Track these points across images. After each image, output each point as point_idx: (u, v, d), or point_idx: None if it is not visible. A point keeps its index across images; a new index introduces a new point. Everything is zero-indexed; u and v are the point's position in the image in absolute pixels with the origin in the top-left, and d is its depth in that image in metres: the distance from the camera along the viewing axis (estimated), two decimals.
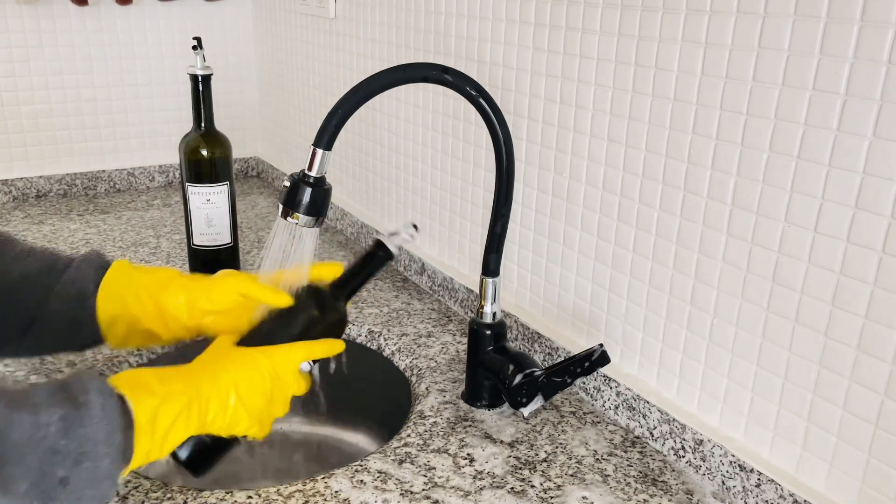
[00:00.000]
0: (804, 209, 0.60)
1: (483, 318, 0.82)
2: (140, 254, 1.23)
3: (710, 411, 0.72)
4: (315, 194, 0.69)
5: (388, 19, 1.13)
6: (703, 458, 0.71)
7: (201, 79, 1.07)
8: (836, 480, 0.62)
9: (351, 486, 0.69)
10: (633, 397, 0.78)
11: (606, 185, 0.79)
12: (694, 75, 0.67)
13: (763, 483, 0.65)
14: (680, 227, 0.71)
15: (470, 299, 1.02)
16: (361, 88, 0.69)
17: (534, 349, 0.91)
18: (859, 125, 0.55)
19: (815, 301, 0.61)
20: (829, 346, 0.60)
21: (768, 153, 0.62)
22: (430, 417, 0.81)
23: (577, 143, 0.82)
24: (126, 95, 1.57)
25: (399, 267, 1.20)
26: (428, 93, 1.07)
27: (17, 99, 1.48)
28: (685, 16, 0.67)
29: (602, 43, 0.76)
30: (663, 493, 0.70)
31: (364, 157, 1.29)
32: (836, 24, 0.56)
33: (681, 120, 0.69)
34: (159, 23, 1.56)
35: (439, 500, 0.68)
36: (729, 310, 0.68)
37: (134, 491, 0.68)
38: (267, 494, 0.68)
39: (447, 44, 1.00)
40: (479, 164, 0.99)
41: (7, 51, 1.45)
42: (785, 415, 0.65)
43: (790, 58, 0.59)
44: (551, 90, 0.84)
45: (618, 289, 0.80)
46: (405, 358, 0.94)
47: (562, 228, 0.87)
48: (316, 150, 0.68)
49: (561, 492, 0.69)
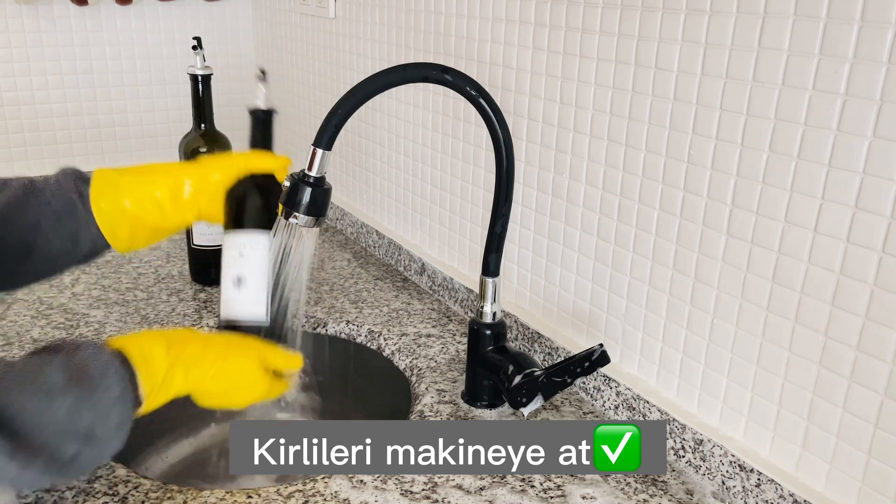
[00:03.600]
0: (804, 209, 0.60)
1: (483, 318, 0.82)
2: (140, 253, 1.23)
3: (709, 411, 0.72)
4: (315, 194, 0.69)
5: (388, 19, 1.13)
6: (703, 458, 0.71)
7: (201, 79, 1.07)
8: (836, 480, 0.62)
9: (350, 487, 0.69)
10: (633, 397, 0.78)
11: (606, 185, 0.79)
12: (694, 75, 0.67)
13: (763, 483, 0.65)
14: (680, 227, 0.71)
15: (470, 299, 1.02)
16: (361, 88, 0.69)
17: (534, 349, 0.91)
18: (859, 125, 0.55)
19: (815, 301, 0.61)
20: (829, 346, 0.60)
21: (768, 153, 0.62)
22: (430, 417, 0.81)
23: (577, 143, 0.82)
24: (126, 95, 1.57)
25: (399, 267, 1.20)
26: (428, 93, 1.07)
27: (17, 99, 1.48)
28: (685, 16, 0.67)
29: (602, 43, 0.76)
30: (663, 493, 0.70)
31: (364, 157, 1.29)
32: (836, 24, 0.56)
33: (681, 120, 0.69)
34: (159, 23, 1.56)
35: (439, 500, 0.68)
36: (729, 310, 0.68)
37: (134, 491, 0.68)
38: (267, 494, 0.68)
39: (447, 44, 1.00)
40: (479, 164, 0.99)
41: (7, 51, 1.45)
42: (785, 415, 0.65)
43: (790, 58, 0.59)
44: (551, 90, 0.84)
45: (618, 289, 0.80)
46: (405, 358, 0.94)
47: (562, 228, 0.87)
48: (316, 150, 0.68)
49: (561, 491, 0.69)
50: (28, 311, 1.03)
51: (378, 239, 1.25)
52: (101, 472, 0.71)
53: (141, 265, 1.19)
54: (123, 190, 0.72)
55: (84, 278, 1.13)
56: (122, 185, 0.72)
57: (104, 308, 1.04)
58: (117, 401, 0.56)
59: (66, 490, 0.68)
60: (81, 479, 0.69)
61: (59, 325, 0.99)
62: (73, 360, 0.56)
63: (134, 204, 0.72)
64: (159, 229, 0.74)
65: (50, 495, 0.67)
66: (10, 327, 0.98)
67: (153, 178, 0.74)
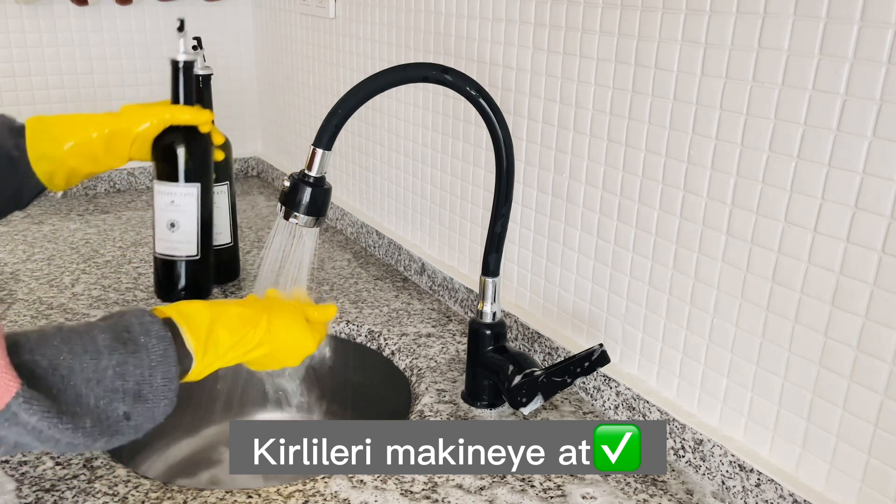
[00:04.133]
0: (804, 209, 0.60)
1: (483, 317, 0.82)
2: (140, 254, 1.23)
3: (709, 411, 0.72)
4: (315, 194, 0.69)
5: (388, 19, 1.13)
6: (703, 458, 0.71)
7: (201, 79, 1.07)
8: (836, 480, 0.62)
9: (350, 487, 0.69)
10: (633, 397, 0.78)
11: (606, 185, 0.79)
12: (694, 75, 0.67)
13: (763, 483, 0.65)
14: (680, 227, 0.71)
15: (470, 299, 1.02)
16: (361, 88, 0.69)
17: (534, 349, 0.91)
18: (859, 125, 0.55)
19: (814, 301, 0.61)
20: (829, 346, 0.60)
21: (768, 153, 0.62)
22: (430, 417, 0.81)
23: (577, 143, 0.82)
24: (126, 95, 1.57)
25: (399, 267, 1.20)
26: (428, 93, 1.07)
27: (17, 99, 1.48)
28: (685, 16, 0.67)
29: (602, 43, 0.76)
30: (663, 492, 0.70)
31: (364, 157, 1.29)
32: (836, 24, 0.56)
33: (681, 120, 0.69)
34: (159, 23, 1.57)
35: (439, 499, 0.68)
36: (729, 310, 0.68)
37: (134, 491, 0.68)
38: (267, 494, 0.68)
39: (447, 44, 1.00)
40: (479, 164, 0.99)
41: (7, 51, 1.45)
42: (785, 414, 0.65)
43: (790, 58, 0.59)
44: (551, 90, 0.84)
45: (618, 289, 0.80)
46: (405, 358, 0.94)
47: (562, 228, 0.87)
48: (316, 150, 0.68)
49: (561, 491, 0.69)
50: (28, 311, 1.03)
51: (378, 239, 1.25)
52: (101, 472, 0.71)
53: (141, 265, 1.19)
54: (60, 139, 0.82)
55: (84, 278, 1.14)
56: (58, 136, 0.82)
57: (104, 308, 1.04)
58: (161, 360, 0.57)
59: (66, 490, 0.68)
60: (82, 480, 0.70)
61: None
62: (118, 323, 0.58)
63: (70, 156, 0.82)
64: (92, 173, 0.87)
65: (50, 495, 0.67)
66: (9, 327, 0.98)
67: (85, 129, 0.83)
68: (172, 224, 0.95)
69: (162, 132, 0.91)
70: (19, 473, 0.70)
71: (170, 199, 0.94)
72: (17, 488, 0.68)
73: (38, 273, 1.15)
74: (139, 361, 0.56)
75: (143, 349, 0.57)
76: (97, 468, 0.71)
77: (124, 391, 0.55)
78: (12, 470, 0.70)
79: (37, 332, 0.55)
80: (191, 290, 1.02)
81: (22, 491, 0.68)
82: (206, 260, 1.01)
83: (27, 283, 1.12)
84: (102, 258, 1.22)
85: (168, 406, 0.58)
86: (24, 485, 0.69)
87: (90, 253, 1.24)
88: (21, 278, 1.13)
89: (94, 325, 0.57)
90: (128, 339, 0.56)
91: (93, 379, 0.54)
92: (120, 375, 0.55)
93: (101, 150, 0.84)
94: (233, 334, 0.64)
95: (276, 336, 0.68)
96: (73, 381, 0.53)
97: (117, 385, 0.55)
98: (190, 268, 1.00)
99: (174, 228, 0.95)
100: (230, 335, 0.64)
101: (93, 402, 0.53)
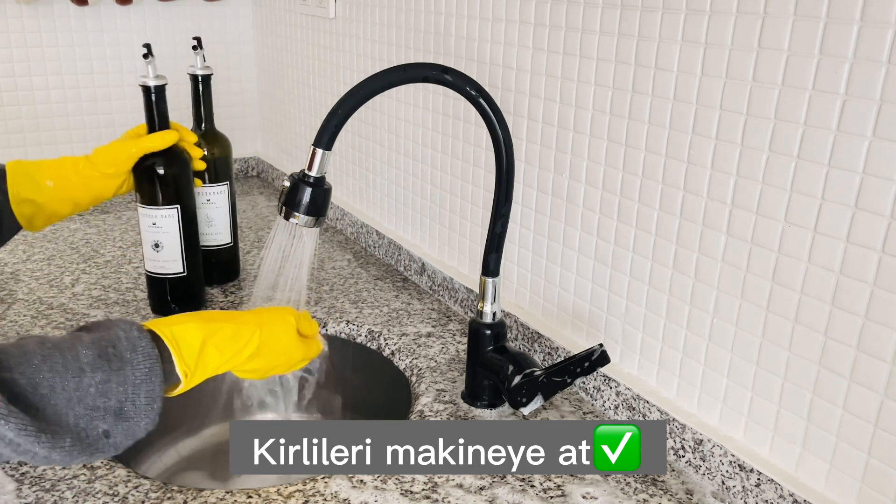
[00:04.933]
0: (804, 209, 0.60)
1: (483, 317, 0.82)
2: (140, 254, 1.23)
3: (709, 411, 0.72)
4: (315, 194, 0.69)
5: (388, 19, 1.13)
6: (703, 458, 0.71)
7: (201, 79, 1.07)
8: (836, 480, 0.62)
9: (350, 487, 0.69)
10: (633, 397, 0.78)
11: (606, 185, 0.79)
12: (694, 75, 0.67)
13: (763, 483, 0.65)
14: (680, 227, 0.71)
15: (470, 299, 1.02)
16: (361, 88, 0.69)
17: (534, 349, 0.91)
18: (859, 125, 0.55)
19: (814, 301, 0.61)
20: (829, 346, 0.60)
21: (768, 153, 0.62)
22: (430, 417, 0.81)
23: (577, 143, 0.82)
24: (126, 95, 1.57)
25: (399, 267, 1.20)
26: (428, 93, 1.07)
27: (17, 99, 1.48)
28: (685, 16, 0.67)
29: (602, 43, 0.76)
30: (663, 492, 0.70)
31: (364, 157, 1.29)
32: (836, 24, 0.56)
33: (681, 120, 0.69)
34: (159, 23, 1.56)
35: (439, 499, 0.68)
36: (729, 310, 0.68)
37: (134, 491, 0.68)
38: (267, 494, 0.68)
39: (447, 44, 1.00)
40: (479, 164, 0.99)
41: (7, 51, 1.45)
42: (784, 414, 0.65)
43: (790, 58, 0.59)
44: (551, 90, 0.84)
45: (618, 289, 0.80)
46: (405, 358, 0.94)
47: (562, 228, 0.87)
48: (316, 150, 0.68)
49: (561, 491, 0.69)
50: (28, 311, 1.03)
51: (378, 239, 1.25)
52: (102, 472, 0.71)
53: (141, 265, 1.19)
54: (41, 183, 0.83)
55: (84, 278, 1.14)
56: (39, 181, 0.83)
57: (104, 308, 1.04)
58: (145, 378, 0.56)
59: (66, 490, 0.68)
60: (82, 480, 0.70)
61: (59, 325, 0.99)
62: (104, 338, 0.56)
63: (51, 201, 0.84)
64: (74, 213, 0.89)
65: (50, 495, 0.67)
66: (10, 327, 0.98)
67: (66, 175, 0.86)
68: (156, 244, 0.98)
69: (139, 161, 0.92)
70: (19, 473, 0.70)
71: (151, 221, 0.97)
72: (18, 488, 0.68)
73: (39, 273, 1.15)
74: (123, 379, 0.55)
75: (129, 365, 0.56)
76: (97, 468, 0.71)
77: (105, 409, 0.54)
78: (12, 470, 0.70)
79: (18, 347, 0.53)
80: (182, 303, 1.02)
81: (22, 491, 0.68)
82: (195, 273, 1.02)
83: (27, 283, 1.12)
84: (102, 258, 1.22)
85: (149, 424, 0.57)
86: (24, 485, 0.69)
87: (90, 253, 1.24)
88: (21, 278, 1.13)
89: (79, 338, 0.56)
90: (112, 356, 0.55)
91: (74, 398, 0.52)
92: (102, 393, 0.54)
93: (82, 193, 0.87)
94: (223, 353, 0.64)
95: (265, 351, 0.68)
96: (54, 400, 0.52)
97: (99, 403, 0.54)
98: (178, 284, 1.01)
99: (158, 248, 0.98)
100: (220, 354, 0.64)
101: (73, 420, 0.52)
